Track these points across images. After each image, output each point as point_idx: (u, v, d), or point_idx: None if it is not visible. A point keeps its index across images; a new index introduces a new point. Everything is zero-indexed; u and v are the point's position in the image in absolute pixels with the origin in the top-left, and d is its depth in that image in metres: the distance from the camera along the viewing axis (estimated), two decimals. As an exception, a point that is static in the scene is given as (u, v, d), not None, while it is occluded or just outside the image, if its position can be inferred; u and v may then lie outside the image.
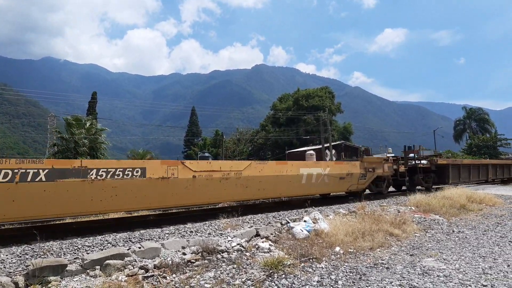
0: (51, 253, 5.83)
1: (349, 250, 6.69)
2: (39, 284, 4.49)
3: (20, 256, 5.67)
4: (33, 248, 6.08)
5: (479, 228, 9.26)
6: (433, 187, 19.18)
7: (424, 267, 5.74)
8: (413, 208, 11.61)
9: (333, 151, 42.68)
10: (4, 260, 5.46)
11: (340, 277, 5.19)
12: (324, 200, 14.53)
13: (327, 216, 9.43)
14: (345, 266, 5.73)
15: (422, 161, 19.01)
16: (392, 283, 4.94)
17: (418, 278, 5.19)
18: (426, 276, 5.30)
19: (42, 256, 5.54)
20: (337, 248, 6.65)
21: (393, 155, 20.58)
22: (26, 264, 5.19)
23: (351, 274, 5.37)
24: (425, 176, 18.91)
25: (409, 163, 18.24)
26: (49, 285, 4.52)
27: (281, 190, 11.75)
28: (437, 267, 5.75)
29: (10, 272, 4.95)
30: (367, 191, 16.34)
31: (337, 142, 51.18)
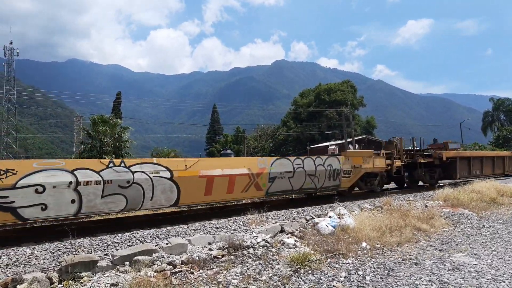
0: (82, 250, 6.00)
1: (376, 245, 6.60)
2: (72, 280, 4.63)
3: (53, 253, 5.85)
4: (65, 245, 6.27)
5: (511, 222, 8.98)
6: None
7: (454, 262, 5.62)
8: (440, 202, 11.36)
9: (356, 146, 42.17)
10: (38, 256, 5.66)
11: (367, 273, 5.13)
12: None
13: (353, 211, 9.33)
14: (372, 262, 5.67)
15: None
16: (422, 279, 4.85)
17: (448, 273, 5.08)
18: (456, 271, 5.18)
19: (74, 253, 5.71)
20: (364, 244, 6.57)
21: (418, 148, 19.81)
22: (59, 260, 5.36)
23: (378, 269, 5.31)
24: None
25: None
26: (82, 281, 4.64)
27: None
28: (468, 262, 5.61)
29: (44, 268, 5.12)
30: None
31: (360, 137, 50.46)
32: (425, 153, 17.97)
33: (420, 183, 18.36)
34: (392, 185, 18.80)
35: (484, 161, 20.24)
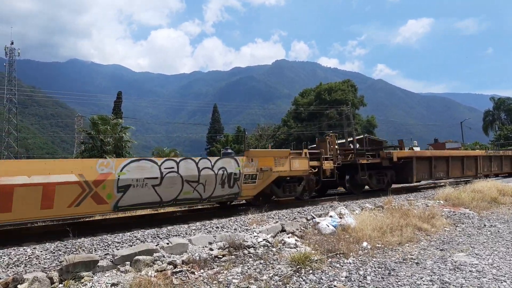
0: (83, 249, 5.99)
1: (377, 245, 6.60)
2: (72, 279, 4.62)
3: (54, 252, 5.85)
4: (65, 245, 6.27)
5: (512, 222, 8.97)
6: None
7: (455, 262, 5.61)
8: (441, 202, 11.36)
9: (357, 145, 42.11)
10: (39, 256, 5.66)
11: (368, 273, 5.12)
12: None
13: (353, 211, 9.33)
14: (373, 262, 5.66)
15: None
16: (423, 279, 4.84)
17: (449, 273, 5.07)
18: (458, 271, 5.17)
19: (75, 252, 5.71)
20: (365, 243, 6.57)
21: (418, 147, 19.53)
22: (59, 260, 5.36)
23: (379, 269, 5.30)
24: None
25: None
26: (82, 281, 4.64)
27: None
28: (469, 262, 5.60)
29: (45, 268, 5.12)
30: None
31: (360, 136, 50.42)
32: (370, 153, 15.94)
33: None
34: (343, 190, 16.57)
35: (450, 162, 18.10)
